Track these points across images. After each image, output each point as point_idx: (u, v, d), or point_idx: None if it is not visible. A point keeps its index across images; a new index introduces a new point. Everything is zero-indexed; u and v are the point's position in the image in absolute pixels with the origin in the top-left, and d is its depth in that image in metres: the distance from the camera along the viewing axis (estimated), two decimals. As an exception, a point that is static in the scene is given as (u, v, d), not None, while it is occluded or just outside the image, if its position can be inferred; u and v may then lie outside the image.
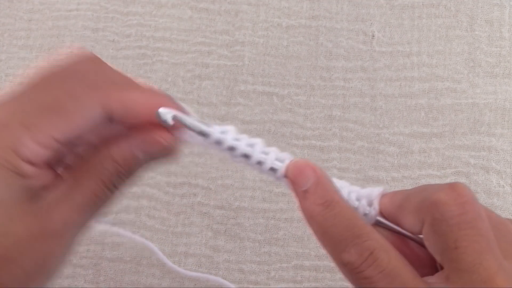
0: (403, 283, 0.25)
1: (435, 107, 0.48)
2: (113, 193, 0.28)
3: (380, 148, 0.47)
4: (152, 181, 0.47)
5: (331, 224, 0.26)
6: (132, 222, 0.46)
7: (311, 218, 0.27)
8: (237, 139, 0.29)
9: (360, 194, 0.29)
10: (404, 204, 0.28)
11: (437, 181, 0.46)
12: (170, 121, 0.27)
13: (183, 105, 0.29)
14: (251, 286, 0.44)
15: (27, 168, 0.25)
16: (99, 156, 0.27)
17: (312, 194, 0.27)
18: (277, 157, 0.29)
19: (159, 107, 0.27)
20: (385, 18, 0.51)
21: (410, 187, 0.46)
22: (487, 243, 0.25)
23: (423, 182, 0.46)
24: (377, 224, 0.29)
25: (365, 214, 0.29)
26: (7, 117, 0.26)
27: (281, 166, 0.29)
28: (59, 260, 0.27)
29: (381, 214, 0.29)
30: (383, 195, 0.29)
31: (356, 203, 0.29)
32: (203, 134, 0.29)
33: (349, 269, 0.26)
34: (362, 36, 0.50)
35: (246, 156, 0.29)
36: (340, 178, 0.46)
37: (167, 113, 0.27)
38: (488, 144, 0.47)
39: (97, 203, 0.27)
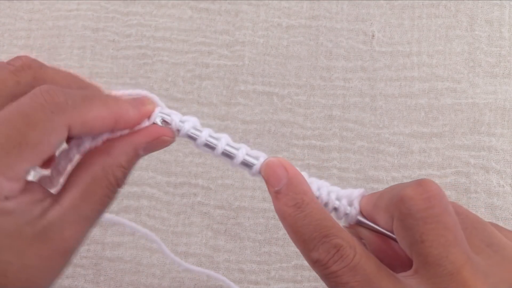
0: (366, 275, 0.26)
1: (435, 107, 0.48)
2: (117, 193, 0.28)
3: (380, 148, 0.47)
4: (152, 181, 0.47)
5: (301, 225, 0.27)
6: (132, 221, 0.46)
7: (283, 218, 0.28)
8: (215, 138, 0.30)
9: (340, 194, 0.30)
10: (377, 203, 0.29)
11: (437, 181, 0.46)
12: (160, 123, 0.29)
13: (142, 91, 0.30)
14: (251, 286, 0.44)
15: (8, 205, 0.25)
16: (103, 163, 0.27)
17: (284, 196, 0.28)
18: (251, 154, 0.30)
19: (115, 116, 0.28)
20: (385, 18, 0.51)
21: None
22: (453, 236, 0.25)
23: (423, 182, 0.46)
24: (358, 223, 0.30)
25: (346, 214, 0.30)
26: None
27: (256, 163, 0.30)
28: (59, 274, 0.28)
29: (361, 214, 0.30)
30: (363, 197, 0.30)
31: (336, 203, 0.30)
32: (191, 138, 0.30)
33: (318, 266, 0.27)
34: (362, 36, 0.50)
35: (229, 156, 0.30)
36: (340, 178, 0.46)
37: (156, 116, 0.29)
38: (488, 144, 0.47)
39: (104, 210, 0.28)
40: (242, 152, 0.30)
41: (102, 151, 0.28)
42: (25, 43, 0.52)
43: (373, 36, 0.50)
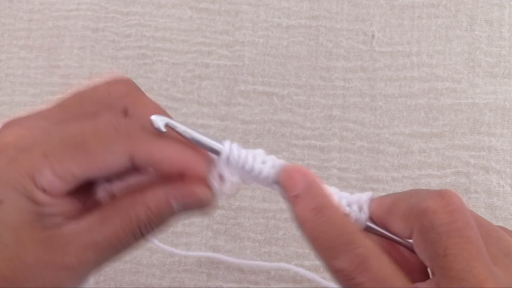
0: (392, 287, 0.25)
1: (435, 107, 0.48)
2: (138, 240, 0.27)
3: (380, 148, 0.47)
4: (152, 181, 0.47)
5: (322, 231, 0.27)
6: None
7: (302, 223, 0.27)
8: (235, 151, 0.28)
9: (350, 200, 0.29)
10: (392, 209, 0.28)
11: (437, 181, 0.46)
12: (163, 128, 0.27)
13: (215, 156, 0.28)
14: (251, 286, 0.44)
15: (41, 196, 0.25)
16: (132, 199, 0.27)
17: (303, 200, 0.27)
18: (271, 164, 0.29)
19: (187, 165, 0.27)
20: (385, 18, 0.51)
21: (410, 187, 0.47)
22: (476, 250, 0.25)
23: (423, 182, 0.46)
24: (367, 229, 0.29)
25: (356, 220, 0.29)
26: (31, 143, 0.26)
27: (271, 172, 0.29)
28: None
29: (371, 219, 0.29)
30: (371, 200, 0.29)
31: (347, 209, 0.29)
32: (199, 143, 0.28)
33: (341, 276, 0.26)
34: (362, 36, 0.50)
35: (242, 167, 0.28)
36: (340, 178, 0.46)
37: (159, 121, 0.27)
38: (488, 144, 0.47)
39: (117, 247, 0.26)
40: (259, 163, 0.28)
41: (135, 190, 0.27)
42: (25, 43, 0.52)
43: (373, 36, 0.50)
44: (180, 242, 0.45)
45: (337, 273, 0.26)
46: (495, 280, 0.24)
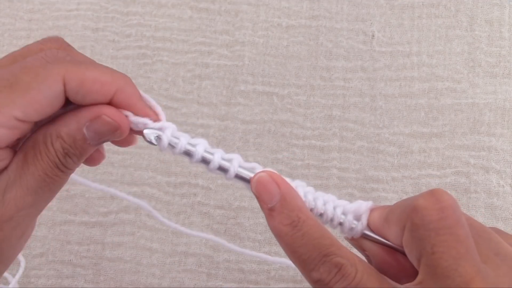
0: None
1: (435, 107, 0.48)
2: (65, 173, 0.27)
3: (380, 148, 0.47)
4: (152, 181, 0.47)
5: (299, 245, 0.27)
6: (132, 221, 0.46)
7: (279, 237, 0.27)
8: (209, 152, 0.29)
9: (347, 209, 0.29)
10: (389, 217, 0.28)
11: (437, 181, 0.46)
12: (154, 142, 0.28)
13: (143, 93, 0.29)
14: (251, 286, 0.44)
15: None
16: (46, 133, 0.26)
17: (278, 214, 0.27)
18: (244, 166, 0.29)
19: (117, 86, 0.27)
20: (385, 18, 0.51)
21: (410, 187, 0.47)
22: (465, 249, 0.25)
23: (423, 182, 0.46)
24: (363, 236, 0.29)
25: (351, 228, 0.29)
26: None
27: (249, 176, 0.28)
28: (15, 245, 0.27)
29: (369, 227, 0.29)
30: (372, 210, 0.29)
31: (342, 218, 0.29)
32: (187, 154, 0.28)
33: (320, 286, 0.26)
34: (362, 36, 0.50)
35: (221, 169, 0.29)
36: (340, 178, 0.46)
37: (151, 134, 0.28)
38: (488, 144, 0.47)
39: (49, 183, 0.26)
40: (234, 164, 0.29)
41: (49, 121, 0.27)
42: (25, 43, 0.51)
43: (373, 36, 0.50)
44: (180, 242, 0.45)
45: (316, 284, 0.26)
46: (483, 279, 0.24)
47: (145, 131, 0.28)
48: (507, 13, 0.50)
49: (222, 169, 0.29)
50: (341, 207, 0.29)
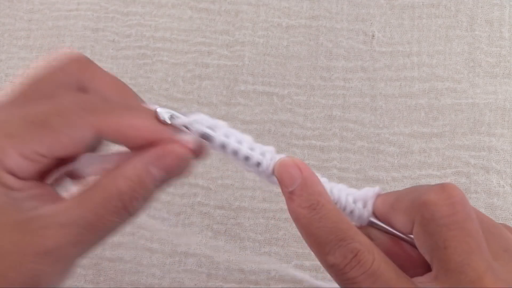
0: (386, 282, 0.25)
1: (435, 107, 0.48)
2: (123, 218, 0.26)
3: (380, 148, 0.47)
4: (152, 181, 0.47)
5: (316, 227, 0.26)
6: (132, 222, 0.46)
7: (297, 220, 0.27)
8: (226, 135, 0.28)
9: (356, 197, 0.29)
10: (395, 205, 0.28)
11: (437, 181, 0.46)
12: (168, 120, 0.27)
13: (184, 127, 0.28)
14: (251, 286, 0.44)
15: (9, 179, 0.24)
16: (110, 174, 0.26)
17: (298, 196, 0.27)
18: (265, 154, 0.29)
19: (154, 136, 0.26)
20: (385, 18, 0.51)
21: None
22: (476, 244, 0.25)
23: (423, 182, 0.46)
24: (370, 225, 0.29)
25: (360, 216, 0.29)
26: None
27: (268, 163, 0.28)
28: (54, 280, 0.26)
29: (374, 215, 0.29)
30: (378, 196, 0.29)
31: (353, 206, 0.29)
32: (203, 136, 0.28)
33: (334, 271, 0.26)
34: (362, 36, 0.50)
35: (234, 152, 0.28)
36: (340, 178, 0.46)
37: (164, 113, 0.27)
38: (488, 144, 0.47)
39: (98, 226, 0.25)
40: (257, 153, 0.28)
41: (112, 167, 0.26)
42: (25, 43, 0.52)
43: (373, 36, 0.50)
44: (180, 242, 0.45)
45: (331, 268, 0.26)
46: (494, 274, 0.24)
47: (158, 109, 0.27)
48: (507, 13, 0.50)
49: (243, 157, 0.28)
50: (352, 195, 0.29)
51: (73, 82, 0.28)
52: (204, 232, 0.45)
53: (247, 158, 0.28)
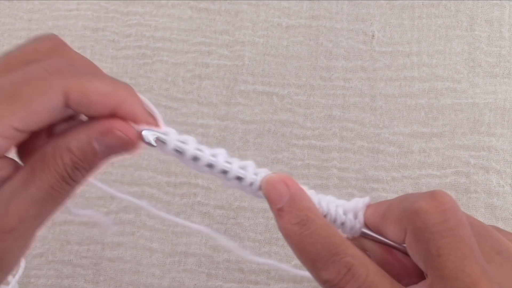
0: None
1: (435, 107, 0.48)
2: (72, 186, 0.27)
3: (380, 148, 0.47)
4: (152, 181, 0.47)
5: (307, 244, 0.26)
6: (132, 221, 0.46)
7: (288, 237, 0.27)
8: (214, 155, 0.28)
9: (346, 208, 0.29)
10: (387, 214, 0.28)
11: (437, 181, 0.46)
12: (154, 143, 0.27)
13: (143, 98, 0.28)
14: (251, 286, 0.44)
15: None
16: (56, 146, 0.26)
17: (287, 213, 0.27)
18: (254, 171, 0.29)
19: (119, 97, 0.26)
20: (385, 18, 0.51)
21: (410, 187, 0.47)
22: (469, 249, 0.25)
23: (423, 182, 0.46)
24: (363, 235, 0.29)
25: (352, 227, 0.29)
26: None
27: (256, 180, 0.28)
28: (16, 255, 0.26)
29: (366, 225, 0.29)
30: (368, 206, 0.29)
31: (343, 218, 0.29)
32: (184, 154, 0.28)
33: (329, 286, 0.26)
34: (362, 36, 0.50)
35: (223, 172, 0.29)
36: (340, 178, 0.46)
37: (150, 135, 0.27)
38: (488, 144, 0.47)
39: (54, 197, 0.26)
40: (249, 169, 0.28)
41: (59, 135, 0.27)
42: (25, 43, 0.52)
43: (373, 36, 0.50)
44: (180, 242, 0.45)
45: (325, 284, 0.26)
46: (489, 278, 0.24)
47: (143, 133, 0.27)
48: (507, 13, 0.50)
49: (224, 172, 0.29)
50: (341, 207, 0.29)
51: (44, 59, 0.28)
52: (204, 232, 0.45)
53: (239, 178, 0.29)
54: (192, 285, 0.44)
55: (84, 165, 0.26)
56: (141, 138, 0.27)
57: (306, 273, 0.42)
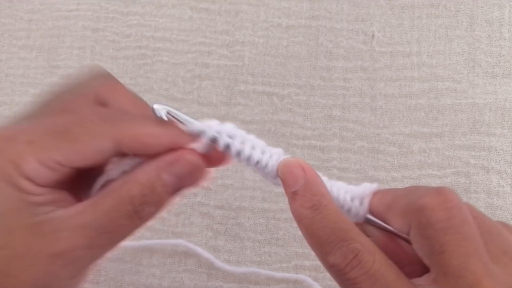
0: (386, 283, 0.25)
1: (435, 107, 0.48)
2: (135, 222, 0.26)
3: (380, 148, 0.47)
4: (152, 181, 0.47)
5: (318, 227, 0.27)
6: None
7: (299, 220, 0.27)
8: (230, 136, 0.29)
9: (354, 194, 0.29)
10: (392, 205, 0.28)
11: (437, 181, 0.46)
12: (165, 117, 0.27)
13: (201, 139, 0.28)
14: (251, 286, 0.44)
15: (26, 184, 0.25)
16: (123, 179, 0.26)
17: (301, 197, 0.27)
18: (269, 153, 0.29)
19: (172, 145, 0.27)
20: (385, 18, 0.51)
21: (410, 187, 0.46)
22: (473, 247, 0.25)
23: (423, 182, 0.46)
24: (367, 221, 0.29)
25: (356, 214, 0.29)
26: (15, 133, 0.26)
27: (272, 163, 0.29)
28: (65, 283, 0.26)
29: (371, 212, 0.29)
30: (375, 193, 0.29)
31: (350, 204, 0.29)
32: (199, 132, 0.28)
33: (335, 271, 0.26)
34: (362, 36, 0.50)
35: (238, 152, 0.29)
36: (340, 178, 0.46)
37: (161, 109, 0.27)
38: (488, 144, 0.47)
39: (110, 229, 0.26)
40: (258, 152, 0.29)
41: (126, 174, 0.27)
42: (25, 43, 0.52)
43: (373, 36, 0.50)
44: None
45: (331, 269, 0.26)
46: (493, 277, 0.24)
47: (154, 106, 0.27)
48: (507, 13, 0.50)
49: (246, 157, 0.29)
50: (350, 193, 0.29)
51: (94, 95, 0.28)
52: (204, 232, 0.45)
53: (257, 162, 0.29)
54: (192, 285, 0.44)
55: (153, 199, 0.26)
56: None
57: (292, 276, 0.43)
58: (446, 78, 0.49)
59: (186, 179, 0.27)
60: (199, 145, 0.28)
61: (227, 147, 0.29)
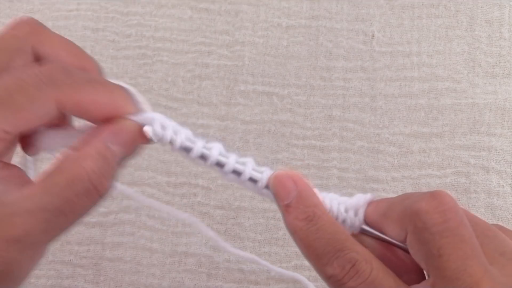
0: None
1: (435, 107, 0.48)
2: (94, 198, 0.26)
3: (380, 148, 0.47)
4: (152, 181, 0.47)
5: (313, 239, 0.27)
6: (132, 222, 0.46)
7: (294, 232, 0.27)
8: (219, 154, 0.29)
9: (348, 205, 0.29)
10: (387, 213, 0.28)
11: (437, 181, 0.46)
12: (155, 140, 0.28)
13: (139, 96, 0.28)
14: (251, 286, 0.44)
15: None
16: (72, 156, 0.26)
17: (294, 209, 0.27)
18: (256, 169, 0.29)
19: (115, 107, 0.27)
20: (385, 18, 0.51)
21: (410, 187, 0.47)
22: (471, 249, 0.25)
23: (423, 182, 0.46)
24: (363, 232, 0.29)
25: (352, 225, 0.29)
26: None
27: (262, 178, 0.29)
28: (24, 266, 0.25)
29: (366, 222, 0.29)
30: (369, 203, 0.29)
31: (344, 215, 0.29)
32: (186, 149, 0.28)
33: (333, 282, 0.26)
34: (362, 36, 0.50)
35: (234, 172, 0.29)
36: (340, 178, 0.46)
37: (150, 132, 0.28)
38: (488, 144, 0.47)
39: (69, 211, 0.25)
40: (249, 167, 0.29)
41: (72, 147, 0.26)
42: (25, 43, 0.52)
43: (373, 36, 0.50)
44: (180, 242, 0.45)
45: (329, 280, 0.26)
46: (491, 278, 0.24)
47: (145, 128, 0.27)
48: (507, 13, 0.50)
49: (235, 172, 0.29)
50: (343, 204, 0.29)
51: (27, 47, 0.28)
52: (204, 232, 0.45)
53: (238, 173, 0.29)
54: (192, 285, 0.44)
55: (109, 170, 0.26)
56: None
57: (289, 274, 0.43)
58: (446, 78, 0.49)
59: (130, 148, 0.27)
60: (149, 129, 0.28)
61: (202, 157, 0.29)
